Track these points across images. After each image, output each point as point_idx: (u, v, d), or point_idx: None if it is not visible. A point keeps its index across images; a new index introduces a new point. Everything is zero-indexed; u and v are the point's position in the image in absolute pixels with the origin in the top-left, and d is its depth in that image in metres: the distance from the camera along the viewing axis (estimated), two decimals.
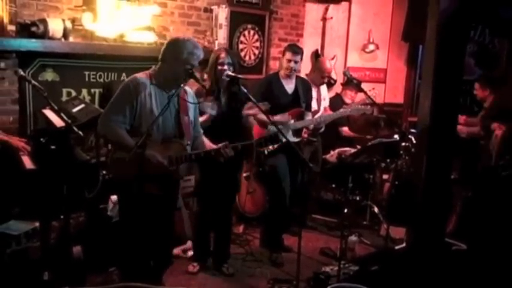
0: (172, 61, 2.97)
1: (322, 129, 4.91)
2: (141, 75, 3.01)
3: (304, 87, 4.47)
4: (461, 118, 5.23)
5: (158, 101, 2.97)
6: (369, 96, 4.33)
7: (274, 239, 4.47)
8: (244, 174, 4.73)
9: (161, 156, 2.95)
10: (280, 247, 4.45)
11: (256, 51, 5.92)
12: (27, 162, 3.20)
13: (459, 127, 4.89)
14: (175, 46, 3.00)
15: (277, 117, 4.14)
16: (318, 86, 5.02)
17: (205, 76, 4.04)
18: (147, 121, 2.88)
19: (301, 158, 3.65)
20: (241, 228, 4.91)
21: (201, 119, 3.51)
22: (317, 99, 4.96)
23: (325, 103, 5.19)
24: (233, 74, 3.58)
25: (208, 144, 3.28)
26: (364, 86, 4.43)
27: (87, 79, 4.23)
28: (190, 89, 3.25)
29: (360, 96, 5.42)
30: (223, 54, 3.78)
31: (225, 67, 3.72)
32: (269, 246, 4.48)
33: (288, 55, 4.33)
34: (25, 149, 3.32)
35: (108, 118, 2.92)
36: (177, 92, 2.99)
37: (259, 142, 3.17)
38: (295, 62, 4.32)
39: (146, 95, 2.94)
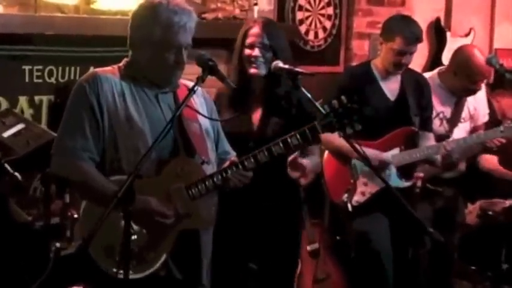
0: (143, 45, 3.07)
1: (461, 168, 4.92)
2: (103, 69, 3.15)
3: (416, 88, 4.57)
4: None
5: (139, 103, 3.08)
6: None
7: None
8: (309, 248, 4.71)
9: (161, 200, 2.99)
10: None
11: (328, 25, 5.99)
12: None
13: None
14: (141, 18, 3.09)
15: (370, 152, 4.15)
16: (458, 97, 4.96)
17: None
18: (124, 138, 3.00)
19: (415, 219, 3.57)
20: None
21: None
22: (448, 119, 4.93)
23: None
24: (287, 66, 3.56)
25: None
26: None
27: (27, 79, 4.33)
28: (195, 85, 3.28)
29: None
30: (255, 29, 3.82)
31: (256, 51, 3.72)
32: None
33: (400, 43, 4.35)
34: None
35: (63, 146, 3.02)
36: (173, 89, 3.15)
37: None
38: (411, 54, 4.40)
39: (116, 97, 3.06)
